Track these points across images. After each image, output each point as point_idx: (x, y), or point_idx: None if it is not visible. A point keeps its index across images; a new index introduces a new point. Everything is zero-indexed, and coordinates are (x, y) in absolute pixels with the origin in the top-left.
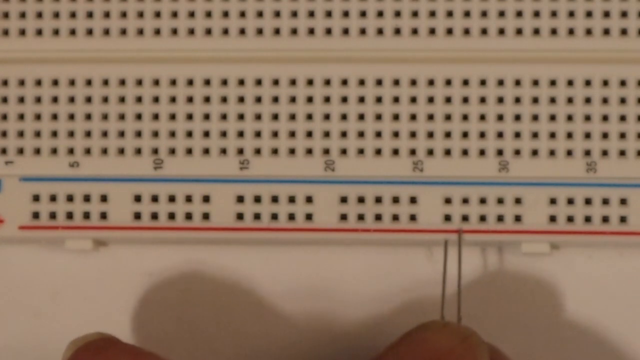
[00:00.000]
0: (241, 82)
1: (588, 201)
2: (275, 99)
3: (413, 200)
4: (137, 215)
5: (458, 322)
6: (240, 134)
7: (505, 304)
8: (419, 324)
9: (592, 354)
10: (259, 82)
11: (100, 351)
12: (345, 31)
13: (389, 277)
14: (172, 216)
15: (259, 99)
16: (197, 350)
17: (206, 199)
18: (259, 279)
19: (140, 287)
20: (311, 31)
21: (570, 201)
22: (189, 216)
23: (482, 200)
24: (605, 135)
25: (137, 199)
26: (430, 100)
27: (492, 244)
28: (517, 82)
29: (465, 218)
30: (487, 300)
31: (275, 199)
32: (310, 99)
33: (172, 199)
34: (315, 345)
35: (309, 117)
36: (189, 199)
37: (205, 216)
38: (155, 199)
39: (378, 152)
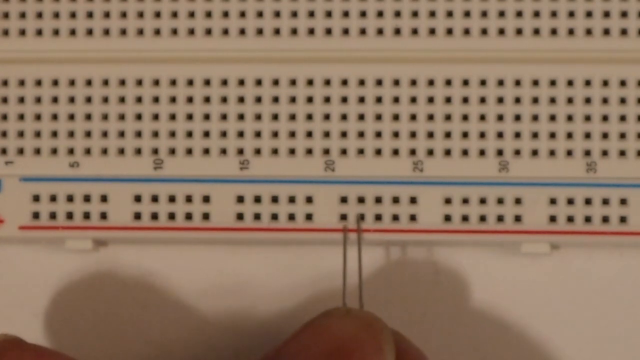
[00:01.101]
0: (241, 82)
1: (588, 201)
2: (275, 99)
3: (413, 200)
4: (137, 216)
5: (360, 308)
6: (240, 134)
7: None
8: (321, 312)
9: (582, 354)
10: (259, 82)
11: (4, 352)
12: (345, 31)
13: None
14: (172, 216)
15: (259, 99)
16: (198, 349)
17: (206, 199)
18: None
19: (140, 287)
20: (311, 31)
21: (570, 201)
22: (189, 216)
23: (482, 201)
24: (605, 136)
25: (137, 199)
26: (430, 100)
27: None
28: (517, 82)
29: (465, 218)
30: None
31: (275, 199)
32: (310, 99)
33: (172, 199)
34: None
35: (309, 117)
36: (189, 199)
37: (205, 216)
38: (155, 199)
39: (378, 152)
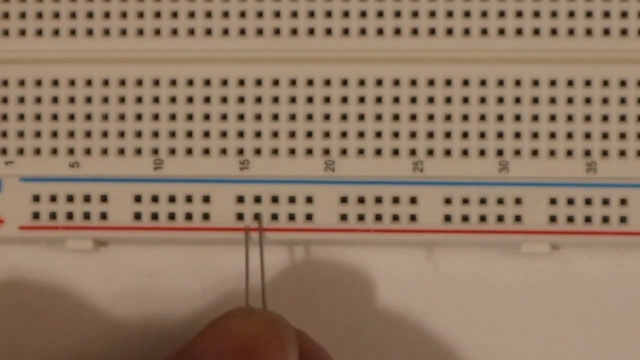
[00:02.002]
0: (241, 83)
1: (588, 201)
2: (276, 99)
3: (413, 200)
4: (137, 216)
5: (263, 308)
6: (241, 134)
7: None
8: (224, 312)
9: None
10: (259, 82)
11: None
12: (346, 31)
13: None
14: (172, 216)
15: (259, 99)
16: None
17: (206, 199)
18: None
19: (141, 288)
20: (311, 31)
21: (571, 201)
22: (189, 216)
23: (482, 201)
24: (605, 136)
25: (137, 199)
26: (431, 100)
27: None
28: (517, 82)
29: (465, 218)
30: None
31: (275, 199)
32: (310, 99)
33: (172, 199)
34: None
35: (309, 117)
36: (189, 199)
37: (206, 216)
38: (155, 199)
39: (378, 152)
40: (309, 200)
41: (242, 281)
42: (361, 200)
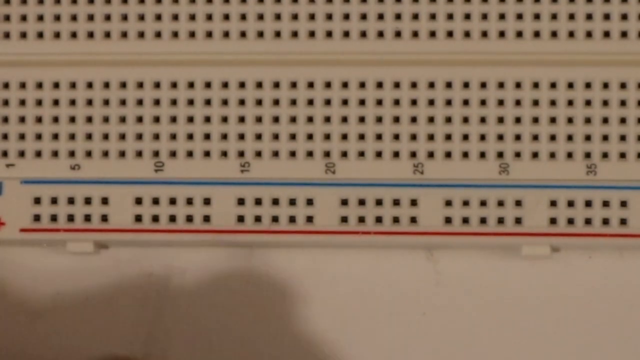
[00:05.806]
0: (242, 85)
1: (588, 203)
2: (276, 102)
3: (413, 202)
4: (138, 218)
5: None
6: (241, 137)
7: None
8: None
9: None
10: (259, 85)
11: None
12: (346, 34)
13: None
14: (172, 219)
15: (259, 102)
16: (197, 351)
17: (207, 201)
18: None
19: (141, 289)
20: (312, 34)
21: (571, 203)
22: (189, 219)
23: (483, 203)
24: (605, 138)
25: (138, 201)
26: (431, 102)
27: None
28: (518, 85)
29: (465, 220)
30: None
31: (276, 202)
32: (310, 102)
33: (172, 201)
34: None
35: (310, 119)
36: (189, 201)
37: (206, 219)
38: (156, 201)
39: (379, 154)
40: (310, 202)
41: (243, 283)
42: (362, 202)
